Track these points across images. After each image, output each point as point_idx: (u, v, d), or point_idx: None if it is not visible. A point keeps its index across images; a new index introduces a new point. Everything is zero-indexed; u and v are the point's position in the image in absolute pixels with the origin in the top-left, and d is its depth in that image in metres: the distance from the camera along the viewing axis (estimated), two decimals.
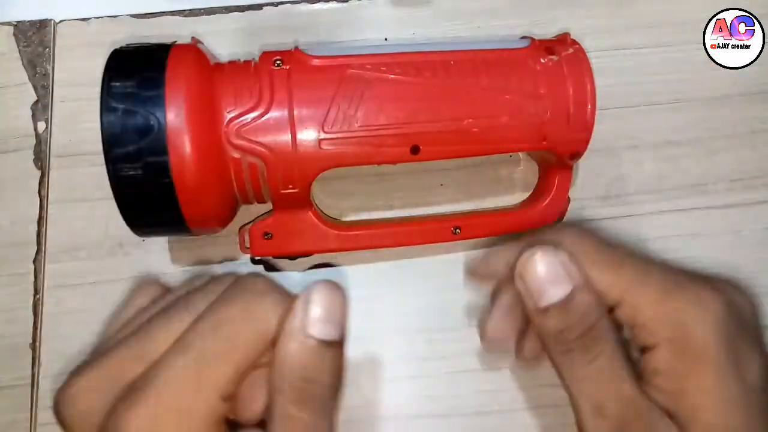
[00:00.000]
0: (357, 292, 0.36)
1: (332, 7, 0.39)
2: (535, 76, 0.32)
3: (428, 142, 0.31)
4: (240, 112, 0.30)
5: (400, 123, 0.30)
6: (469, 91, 0.31)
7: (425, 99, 0.31)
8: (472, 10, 0.40)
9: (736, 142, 0.39)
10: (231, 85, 0.30)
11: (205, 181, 0.29)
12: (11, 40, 0.39)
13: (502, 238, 0.35)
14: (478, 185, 0.38)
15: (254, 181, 0.31)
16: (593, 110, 0.32)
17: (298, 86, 0.30)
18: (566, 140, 0.33)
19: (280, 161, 0.30)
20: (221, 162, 0.30)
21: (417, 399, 0.36)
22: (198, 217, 0.30)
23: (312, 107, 0.30)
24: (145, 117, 0.28)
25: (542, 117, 0.32)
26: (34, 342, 0.36)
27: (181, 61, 0.29)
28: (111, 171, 0.28)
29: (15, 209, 0.37)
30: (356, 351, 0.36)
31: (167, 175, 0.28)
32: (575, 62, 0.32)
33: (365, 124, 0.30)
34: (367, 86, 0.30)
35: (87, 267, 0.36)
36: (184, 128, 0.28)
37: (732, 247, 0.38)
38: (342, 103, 0.30)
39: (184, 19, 0.39)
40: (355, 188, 0.37)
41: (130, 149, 0.28)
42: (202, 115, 0.29)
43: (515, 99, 0.31)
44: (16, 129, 0.38)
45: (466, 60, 0.32)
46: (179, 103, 0.28)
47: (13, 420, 0.35)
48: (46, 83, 0.38)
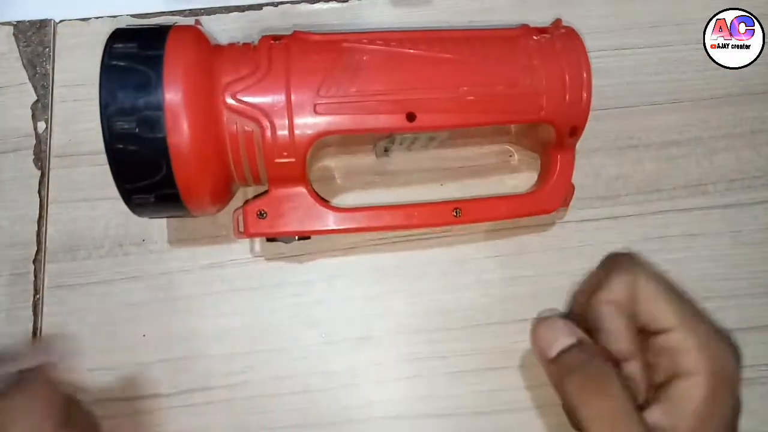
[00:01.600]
0: (357, 293, 0.37)
1: (332, 6, 0.40)
2: (529, 50, 0.32)
3: (424, 110, 0.31)
4: (237, 77, 0.30)
5: (396, 89, 0.31)
6: (464, 60, 0.32)
7: (421, 67, 0.31)
8: (472, 9, 0.40)
9: (736, 142, 0.39)
10: (229, 56, 0.31)
11: (198, 142, 0.29)
12: (11, 40, 0.39)
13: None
14: (477, 186, 0.38)
15: (249, 148, 0.30)
16: (589, 80, 0.32)
17: (296, 56, 0.31)
18: (564, 112, 0.33)
19: (275, 125, 0.30)
20: (216, 125, 0.30)
21: (417, 399, 0.36)
22: (190, 184, 0.29)
23: (308, 74, 0.30)
24: (144, 73, 0.28)
25: (538, 88, 0.32)
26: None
27: (182, 32, 0.30)
28: (105, 124, 0.28)
29: (15, 209, 0.37)
30: (357, 351, 0.36)
31: (161, 131, 0.28)
32: (567, 38, 0.33)
33: (361, 90, 0.30)
34: (363, 56, 0.31)
35: (87, 267, 0.36)
36: (181, 86, 0.28)
37: (732, 246, 0.38)
38: (338, 70, 0.30)
39: (184, 19, 0.39)
40: (355, 187, 0.38)
41: (126, 104, 0.28)
42: (199, 76, 0.29)
43: (510, 69, 0.32)
44: (16, 129, 0.38)
45: (461, 36, 0.33)
46: (177, 63, 0.28)
47: None
48: (46, 83, 0.38)
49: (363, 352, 0.36)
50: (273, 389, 0.35)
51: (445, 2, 0.40)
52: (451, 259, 0.37)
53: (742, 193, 0.39)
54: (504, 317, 0.37)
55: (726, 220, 0.38)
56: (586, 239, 0.38)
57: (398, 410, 0.36)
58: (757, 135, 0.40)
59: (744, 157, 0.39)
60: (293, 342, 0.36)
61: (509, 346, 0.36)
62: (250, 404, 0.35)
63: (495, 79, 0.32)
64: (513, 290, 0.37)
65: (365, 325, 0.36)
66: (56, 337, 0.35)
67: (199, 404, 0.35)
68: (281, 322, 0.36)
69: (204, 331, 0.36)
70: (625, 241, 0.38)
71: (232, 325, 0.36)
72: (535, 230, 0.37)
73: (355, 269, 0.37)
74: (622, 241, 0.38)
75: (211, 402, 0.35)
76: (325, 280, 0.37)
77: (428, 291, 0.37)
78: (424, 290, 0.37)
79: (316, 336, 0.36)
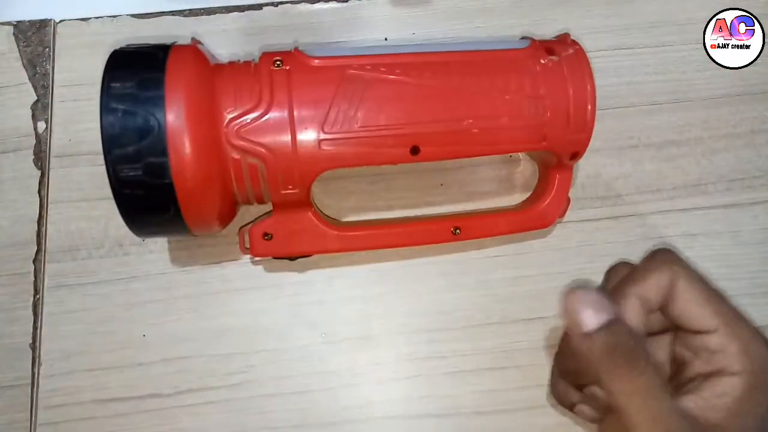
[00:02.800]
0: (358, 293, 0.37)
1: (332, 6, 0.39)
2: (535, 77, 0.32)
3: (428, 143, 0.31)
4: (240, 112, 0.29)
5: (400, 123, 0.30)
6: (469, 91, 0.31)
7: (425, 99, 0.31)
8: (472, 9, 0.40)
9: (736, 142, 0.39)
10: (231, 85, 0.30)
11: (205, 182, 0.29)
12: (11, 40, 0.39)
13: None
14: (478, 185, 0.38)
15: (254, 181, 0.31)
16: (593, 110, 0.32)
17: (298, 87, 0.30)
18: (566, 141, 0.32)
19: (280, 162, 0.30)
20: (221, 163, 0.30)
21: (417, 399, 0.36)
22: (198, 218, 0.30)
23: (312, 108, 0.30)
24: (144, 118, 0.28)
25: (542, 117, 0.32)
26: (34, 342, 0.36)
27: (181, 62, 0.29)
28: (111, 172, 0.28)
29: (15, 209, 0.37)
30: (357, 351, 0.36)
31: (167, 176, 0.28)
32: (575, 63, 0.32)
33: (365, 125, 0.30)
34: (366, 87, 0.30)
35: (87, 267, 0.36)
36: (184, 129, 0.28)
37: (732, 246, 0.38)
38: (342, 104, 0.30)
39: (184, 19, 0.39)
40: (355, 188, 0.37)
41: (130, 150, 0.28)
42: (202, 115, 0.29)
43: (515, 99, 0.31)
44: (16, 129, 0.38)
45: (465, 61, 0.32)
46: (179, 103, 0.28)
47: (12, 420, 0.35)
48: (46, 83, 0.38)
49: (363, 352, 0.36)
50: (273, 389, 0.35)
51: (446, 2, 0.40)
52: (451, 259, 0.37)
53: (742, 193, 0.39)
54: (504, 317, 0.37)
55: (726, 220, 0.38)
56: (586, 239, 0.38)
57: (398, 410, 0.36)
58: (757, 135, 0.40)
59: (744, 157, 0.39)
60: (293, 342, 0.36)
61: (509, 346, 0.36)
62: (250, 404, 0.35)
63: (500, 111, 0.31)
64: (513, 290, 0.37)
65: (365, 325, 0.36)
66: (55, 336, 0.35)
67: (199, 404, 0.35)
68: (281, 322, 0.36)
69: (204, 331, 0.36)
70: (625, 241, 0.38)
71: (232, 325, 0.36)
72: (535, 230, 0.37)
73: (355, 269, 0.37)
74: (622, 241, 0.38)
75: (211, 402, 0.35)
76: (325, 280, 0.37)
77: (428, 291, 0.37)
78: (424, 290, 0.37)
79: (316, 336, 0.36)
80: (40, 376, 0.35)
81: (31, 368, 0.35)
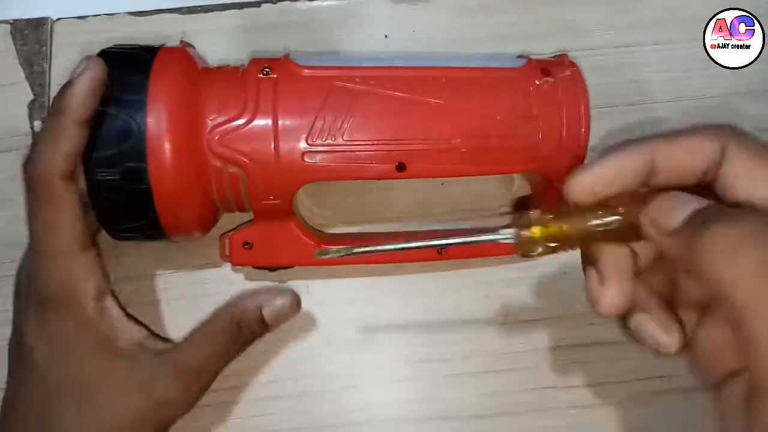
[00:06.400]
0: (358, 295, 0.36)
1: (330, 4, 0.39)
2: (529, 97, 0.31)
3: (415, 160, 0.30)
4: (223, 120, 0.29)
5: (387, 139, 0.30)
6: (459, 109, 0.30)
7: (414, 116, 0.30)
8: (473, 6, 0.39)
9: None
10: (216, 91, 0.29)
11: (184, 189, 0.28)
12: (8, 38, 0.38)
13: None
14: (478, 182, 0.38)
15: (235, 191, 0.30)
16: (587, 134, 0.31)
17: (284, 96, 0.29)
18: (558, 164, 0.31)
19: (262, 172, 0.29)
20: (201, 170, 0.29)
21: (417, 401, 0.35)
22: (176, 224, 0.30)
23: (297, 118, 0.29)
24: (125, 121, 0.27)
25: (534, 139, 0.31)
26: None
27: (167, 66, 0.29)
28: (88, 174, 0.27)
29: (12, 209, 0.37)
30: (357, 353, 0.36)
31: (145, 182, 0.27)
32: (571, 85, 0.31)
33: (351, 139, 0.29)
34: (354, 100, 0.30)
35: None
36: (165, 134, 0.27)
37: None
38: (328, 116, 0.29)
39: (182, 16, 0.39)
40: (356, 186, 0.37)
41: (108, 153, 0.27)
42: (184, 121, 0.28)
43: (506, 120, 0.31)
44: (13, 128, 0.37)
45: (458, 77, 0.31)
46: (161, 108, 0.27)
47: None
48: (43, 81, 0.38)
49: (363, 354, 0.36)
50: (272, 391, 0.35)
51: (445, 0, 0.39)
52: (451, 262, 0.37)
53: None
54: (505, 319, 0.36)
55: None
56: None
57: (398, 413, 0.35)
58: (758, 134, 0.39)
59: None
60: (293, 344, 0.36)
61: (510, 348, 0.36)
62: (249, 407, 0.35)
63: (490, 130, 0.30)
64: (515, 291, 0.37)
65: (365, 326, 0.36)
66: None
67: (198, 407, 0.34)
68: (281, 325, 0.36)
69: None
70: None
71: None
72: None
73: (354, 271, 0.37)
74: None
75: (210, 405, 0.35)
76: (324, 282, 0.36)
77: (429, 292, 0.37)
78: (425, 291, 0.37)
79: (315, 338, 0.36)
80: None
81: None
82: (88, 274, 0.29)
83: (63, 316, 0.29)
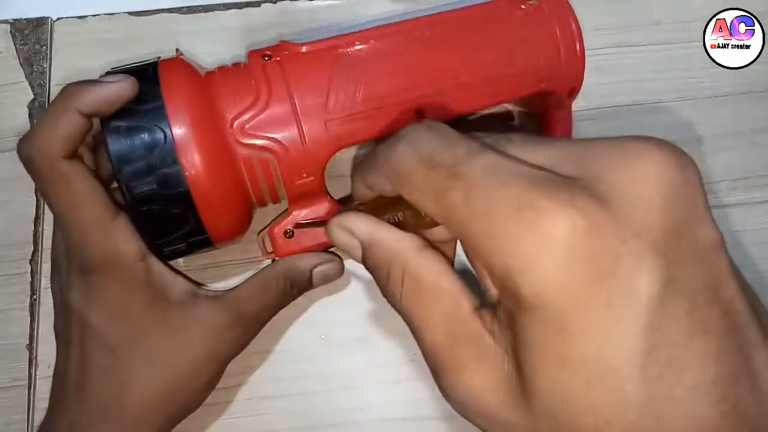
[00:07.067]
0: (358, 294, 0.36)
1: (330, 4, 0.39)
2: (519, 23, 0.32)
3: (431, 104, 0.31)
4: (240, 110, 0.29)
5: (400, 90, 0.30)
6: (459, 48, 0.31)
7: (419, 63, 0.31)
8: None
9: (739, 140, 0.39)
10: (226, 87, 0.30)
11: (220, 185, 0.29)
12: (8, 38, 0.38)
13: None
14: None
15: (267, 176, 0.30)
16: (582, 46, 0.32)
17: (293, 74, 0.30)
18: (562, 79, 0.33)
19: (290, 151, 0.30)
20: (232, 163, 0.29)
21: (417, 401, 0.35)
22: (218, 225, 0.30)
23: (311, 93, 0.30)
24: (149, 130, 0.27)
25: (535, 61, 0.32)
26: (31, 343, 0.35)
27: (173, 72, 0.29)
28: (125, 190, 0.27)
29: (11, 209, 0.37)
30: (356, 353, 0.36)
31: (182, 184, 0.28)
32: (555, 5, 0.33)
33: (367, 98, 0.30)
34: (360, 62, 0.30)
35: None
36: (191, 135, 0.28)
37: (734, 246, 0.38)
38: (340, 83, 0.30)
39: (182, 16, 0.39)
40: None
41: (141, 165, 0.27)
42: (206, 119, 0.28)
43: (504, 48, 0.32)
44: (13, 128, 0.37)
45: (450, 20, 0.32)
46: (181, 110, 0.28)
47: (10, 421, 0.35)
48: (43, 81, 0.38)
49: (362, 353, 0.36)
50: (271, 391, 0.35)
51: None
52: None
53: (745, 192, 0.39)
54: None
55: (729, 219, 0.38)
56: None
57: (398, 412, 0.35)
58: (759, 134, 0.39)
59: (747, 155, 0.39)
60: (292, 344, 0.36)
61: None
62: (248, 407, 0.35)
63: (492, 61, 0.32)
64: None
65: (365, 326, 0.36)
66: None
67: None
68: (279, 324, 0.36)
69: None
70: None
71: None
72: None
73: (354, 269, 0.37)
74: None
75: (209, 404, 0.34)
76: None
77: None
78: None
79: (315, 337, 0.36)
80: (37, 377, 0.35)
81: (28, 369, 0.35)
82: (127, 237, 0.30)
83: (111, 280, 0.30)
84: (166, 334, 0.30)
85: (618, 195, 0.18)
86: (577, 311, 0.17)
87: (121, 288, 0.30)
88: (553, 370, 0.18)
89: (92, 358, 0.30)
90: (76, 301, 0.30)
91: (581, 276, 0.17)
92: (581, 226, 0.17)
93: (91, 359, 0.30)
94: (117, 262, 0.29)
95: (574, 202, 0.18)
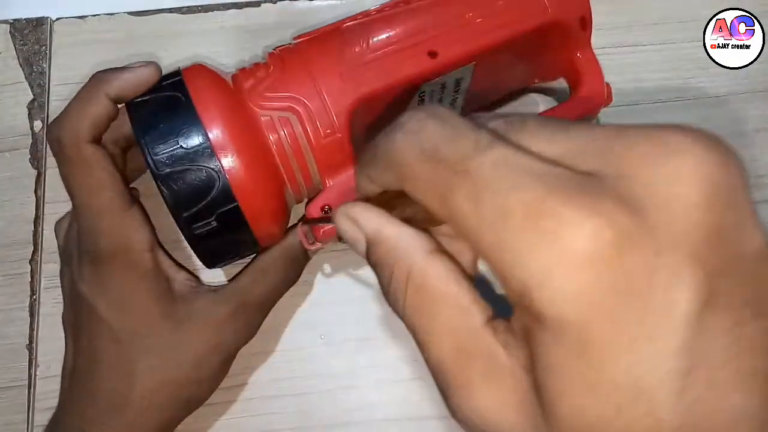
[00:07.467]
0: (358, 293, 0.36)
1: (331, 3, 0.39)
2: None
3: (442, 45, 0.31)
4: (256, 81, 0.30)
5: (410, 34, 0.31)
6: None
7: (423, 14, 0.31)
8: None
9: (740, 140, 0.39)
10: (244, 72, 0.30)
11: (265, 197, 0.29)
12: (7, 38, 0.38)
13: None
14: None
15: (292, 139, 0.30)
16: None
17: (305, 46, 0.31)
18: (567, 6, 0.33)
19: (309, 106, 0.30)
20: (256, 131, 0.30)
21: (417, 401, 0.35)
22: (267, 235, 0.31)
23: (323, 52, 0.30)
24: (203, 172, 0.27)
25: None
26: (31, 343, 0.35)
27: (204, 94, 0.29)
28: (187, 234, 0.28)
29: (11, 209, 0.37)
30: (357, 353, 0.36)
31: (241, 219, 0.29)
32: None
33: (378, 43, 0.31)
34: (367, 26, 0.31)
35: None
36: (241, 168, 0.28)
37: None
38: (350, 40, 0.31)
39: (182, 16, 0.39)
40: None
41: (200, 207, 0.28)
42: (246, 132, 0.29)
43: None
44: (12, 128, 0.37)
45: None
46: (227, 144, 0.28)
47: (9, 421, 0.35)
48: (43, 82, 0.38)
49: (363, 353, 0.36)
50: (272, 391, 0.35)
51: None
52: None
53: None
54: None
55: None
56: None
57: (398, 412, 0.35)
58: (760, 134, 0.39)
59: (748, 155, 0.39)
60: (292, 344, 0.36)
61: None
62: (248, 406, 0.35)
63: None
64: None
65: (365, 326, 0.36)
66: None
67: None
68: (280, 324, 0.36)
69: None
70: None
71: None
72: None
73: (354, 269, 0.37)
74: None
75: (210, 404, 0.34)
76: (324, 281, 0.36)
77: None
78: None
79: (315, 337, 0.36)
80: (37, 378, 0.35)
81: (28, 369, 0.35)
82: (138, 227, 0.30)
83: (121, 269, 0.30)
84: (171, 326, 0.30)
85: (651, 197, 0.16)
86: (604, 331, 0.15)
87: (129, 278, 0.30)
88: (578, 396, 0.16)
89: (101, 350, 0.30)
90: (84, 290, 0.30)
91: (609, 293, 0.15)
92: (608, 236, 0.15)
93: (99, 351, 0.30)
94: (127, 250, 0.30)
95: (599, 209, 0.15)
